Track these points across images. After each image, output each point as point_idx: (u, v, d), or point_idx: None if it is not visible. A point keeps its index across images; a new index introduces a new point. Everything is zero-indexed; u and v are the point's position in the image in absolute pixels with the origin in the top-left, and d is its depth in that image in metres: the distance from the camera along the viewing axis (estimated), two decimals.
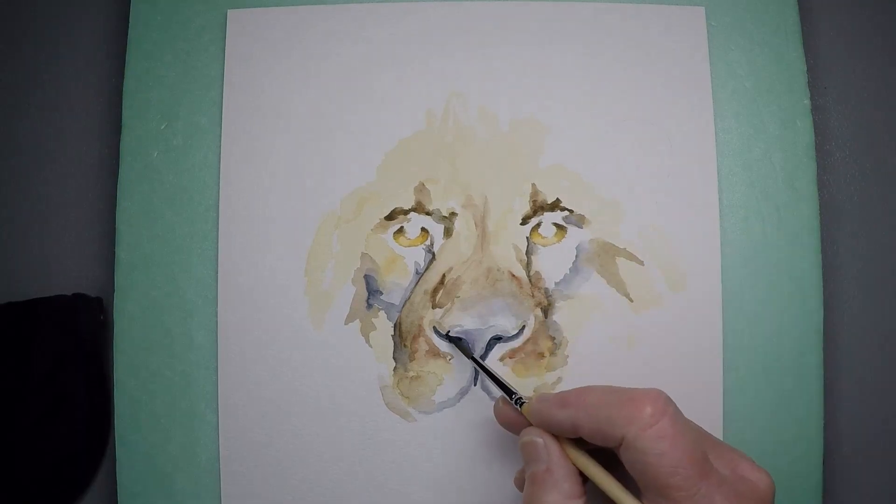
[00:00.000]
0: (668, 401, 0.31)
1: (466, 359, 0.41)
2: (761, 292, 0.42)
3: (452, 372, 0.41)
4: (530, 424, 0.35)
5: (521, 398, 0.36)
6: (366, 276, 0.42)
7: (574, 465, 0.33)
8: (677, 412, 0.31)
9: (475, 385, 0.41)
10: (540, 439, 0.34)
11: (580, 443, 0.33)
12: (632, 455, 0.30)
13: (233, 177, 0.42)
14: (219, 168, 0.43)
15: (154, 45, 0.44)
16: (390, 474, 0.41)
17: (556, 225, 0.42)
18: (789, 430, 0.41)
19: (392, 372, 0.41)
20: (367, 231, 0.42)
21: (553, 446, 0.33)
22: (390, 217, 0.42)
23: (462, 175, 0.42)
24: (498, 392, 0.38)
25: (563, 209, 0.42)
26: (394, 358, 0.41)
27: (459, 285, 0.41)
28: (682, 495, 0.29)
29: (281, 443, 0.41)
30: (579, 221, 0.42)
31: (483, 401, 0.41)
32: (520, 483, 0.36)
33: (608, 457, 0.33)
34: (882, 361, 0.44)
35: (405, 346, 0.41)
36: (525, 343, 0.41)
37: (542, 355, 0.41)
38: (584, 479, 0.33)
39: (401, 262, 0.42)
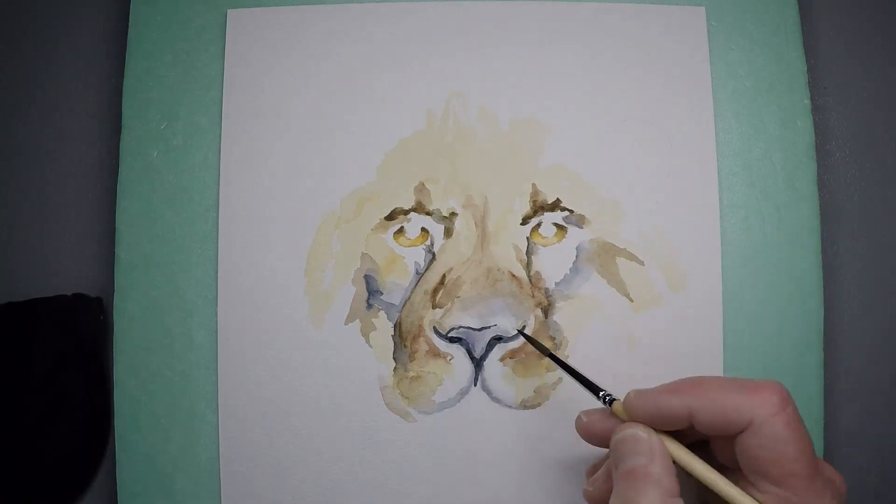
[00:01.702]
0: (788, 393, 0.31)
1: (469, 359, 0.41)
2: (761, 292, 0.42)
3: (452, 372, 0.41)
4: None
5: (609, 395, 0.35)
6: (366, 276, 0.42)
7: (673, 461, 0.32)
8: (795, 405, 0.31)
9: (475, 385, 0.41)
10: (644, 433, 0.32)
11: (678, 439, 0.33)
12: (758, 441, 0.30)
13: (233, 177, 0.42)
14: (219, 168, 0.43)
15: (154, 45, 0.44)
16: (390, 474, 0.41)
17: (556, 225, 0.42)
18: None
19: (392, 372, 0.41)
20: (367, 231, 0.42)
21: (656, 440, 0.32)
22: (390, 217, 0.42)
23: (462, 175, 0.42)
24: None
25: (564, 209, 0.42)
26: (394, 358, 0.41)
27: (459, 285, 0.41)
28: (803, 484, 0.30)
29: (281, 443, 0.41)
30: (579, 221, 0.42)
31: (483, 401, 0.41)
32: (599, 487, 0.35)
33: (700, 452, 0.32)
34: (882, 361, 0.44)
35: (405, 346, 0.41)
36: (525, 343, 0.41)
37: (542, 356, 0.41)
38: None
39: (401, 263, 0.42)
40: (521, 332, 0.41)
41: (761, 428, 0.30)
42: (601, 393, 0.35)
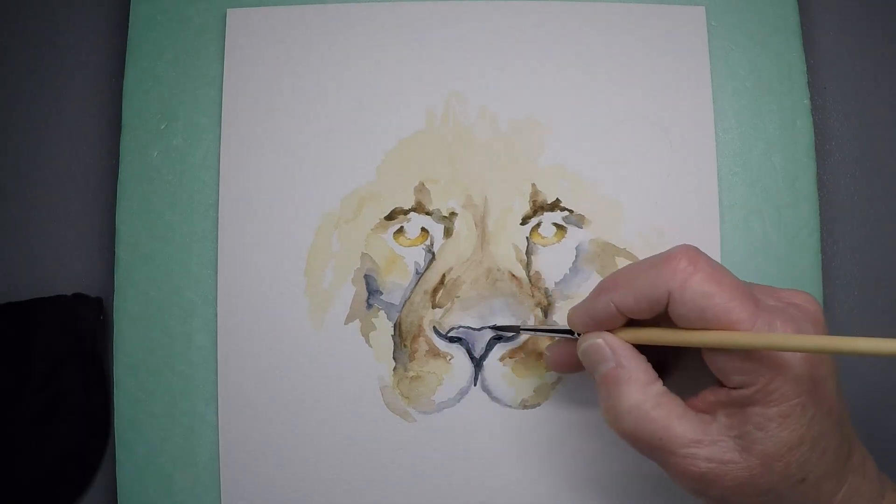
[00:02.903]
0: (699, 250, 0.31)
1: (469, 359, 0.41)
2: None
3: (452, 372, 0.41)
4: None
5: (562, 328, 0.37)
6: (366, 276, 0.42)
7: (641, 353, 0.33)
8: (710, 258, 0.31)
9: (475, 385, 0.41)
10: (599, 339, 0.33)
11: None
12: (683, 308, 0.30)
13: (233, 177, 0.42)
14: (219, 168, 0.43)
15: (154, 45, 0.44)
16: (390, 474, 0.41)
17: (555, 225, 0.42)
18: None
19: (392, 372, 0.41)
20: (367, 231, 0.42)
21: (614, 340, 0.33)
22: (390, 217, 0.42)
23: (462, 175, 0.42)
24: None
25: (563, 209, 0.42)
26: (394, 358, 0.41)
27: (459, 285, 0.41)
28: (746, 324, 0.30)
29: (281, 442, 0.41)
30: (579, 221, 0.42)
31: (483, 401, 0.41)
32: (555, 351, 0.37)
33: None
34: (882, 362, 0.44)
35: (405, 346, 0.41)
36: (525, 343, 0.41)
37: (542, 355, 0.41)
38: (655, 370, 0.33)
39: (401, 262, 0.42)
40: (506, 328, 0.41)
41: (682, 295, 0.30)
42: (563, 333, 0.37)
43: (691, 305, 0.30)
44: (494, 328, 0.41)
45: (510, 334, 0.41)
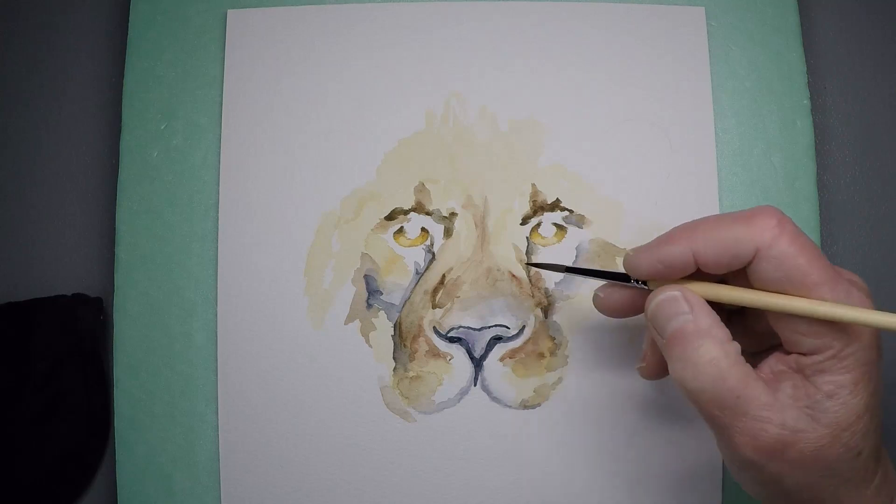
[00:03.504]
0: (784, 213, 0.31)
1: (469, 359, 0.41)
2: None
3: (452, 372, 0.41)
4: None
5: (616, 272, 0.35)
6: (366, 276, 0.42)
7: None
8: (795, 223, 0.31)
9: (475, 385, 0.41)
10: (677, 291, 0.32)
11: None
12: (769, 265, 0.30)
13: (233, 177, 0.42)
14: (219, 168, 0.43)
15: (154, 45, 0.44)
16: (390, 474, 0.41)
17: (556, 225, 0.42)
18: None
19: (392, 372, 0.41)
20: (367, 231, 0.42)
21: (692, 294, 0.32)
22: (390, 217, 0.42)
23: (462, 175, 0.42)
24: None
25: (563, 209, 0.42)
26: (394, 358, 0.41)
27: (459, 285, 0.41)
28: (827, 288, 0.30)
29: (281, 442, 0.41)
30: (579, 221, 0.42)
31: (483, 401, 0.41)
32: (652, 361, 0.34)
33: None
34: (882, 362, 0.44)
35: (405, 346, 0.41)
36: (525, 343, 0.41)
37: (542, 355, 0.41)
38: None
39: (401, 262, 0.42)
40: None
41: (770, 251, 0.30)
42: (617, 279, 0.35)
43: (777, 264, 0.30)
44: (532, 265, 0.40)
45: (510, 335, 0.41)
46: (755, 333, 0.34)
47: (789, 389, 0.30)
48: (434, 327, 0.41)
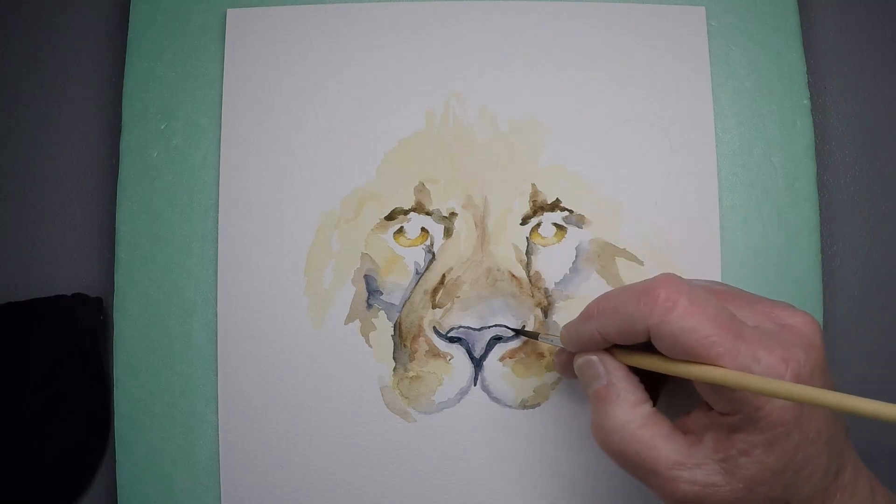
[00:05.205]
0: (680, 280, 0.31)
1: (469, 359, 0.41)
2: (761, 292, 0.42)
3: (452, 372, 0.41)
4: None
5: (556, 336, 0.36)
6: (366, 276, 0.42)
7: (633, 373, 0.33)
8: (693, 287, 0.31)
9: (475, 385, 0.41)
10: (594, 356, 0.34)
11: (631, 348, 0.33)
12: (663, 343, 0.30)
13: (233, 177, 0.43)
14: (219, 168, 0.43)
15: (154, 45, 0.44)
16: (390, 474, 0.41)
17: (555, 225, 0.42)
18: None
19: (392, 372, 0.41)
20: (367, 231, 0.42)
21: (607, 359, 0.33)
22: (390, 217, 0.42)
23: (462, 175, 0.42)
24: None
25: (563, 209, 0.42)
26: (394, 358, 0.41)
27: (459, 285, 0.41)
28: (725, 362, 0.29)
29: (281, 442, 0.41)
30: (579, 221, 0.42)
31: (483, 401, 0.41)
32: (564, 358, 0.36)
33: None
34: (882, 362, 0.44)
35: (405, 346, 0.41)
36: (525, 343, 0.41)
37: (542, 355, 0.41)
38: (648, 388, 0.33)
39: (401, 262, 0.42)
40: (515, 330, 0.41)
41: (660, 329, 0.30)
42: (549, 337, 0.38)
43: (671, 340, 0.30)
44: (497, 327, 0.41)
45: (510, 335, 0.41)
46: (691, 389, 0.33)
47: (711, 443, 0.31)
48: (434, 327, 0.41)
